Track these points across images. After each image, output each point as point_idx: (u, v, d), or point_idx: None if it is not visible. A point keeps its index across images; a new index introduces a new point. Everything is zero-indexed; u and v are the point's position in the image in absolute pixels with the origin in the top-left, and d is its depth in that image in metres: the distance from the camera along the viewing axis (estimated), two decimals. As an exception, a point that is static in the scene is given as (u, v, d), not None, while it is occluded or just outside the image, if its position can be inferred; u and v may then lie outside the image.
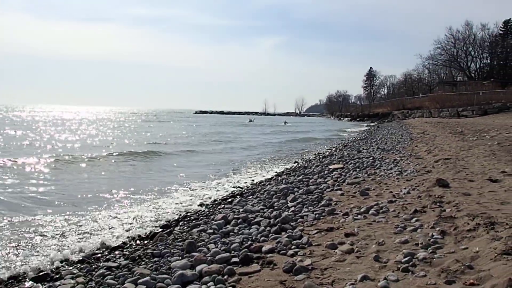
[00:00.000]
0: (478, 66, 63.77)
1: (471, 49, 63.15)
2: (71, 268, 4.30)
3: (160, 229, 5.68)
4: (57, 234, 5.64)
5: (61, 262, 4.55)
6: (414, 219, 4.51)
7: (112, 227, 6.00)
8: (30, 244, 5.20)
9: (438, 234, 3.87)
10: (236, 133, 33.89)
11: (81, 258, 4.58)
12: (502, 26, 59.70)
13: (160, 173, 11.47)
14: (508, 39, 58.61)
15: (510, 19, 58.89)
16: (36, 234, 5.62)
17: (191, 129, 37.35)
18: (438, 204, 4.94)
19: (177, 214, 6.61)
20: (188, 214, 6.49)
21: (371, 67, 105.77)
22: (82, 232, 5.78)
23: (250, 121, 60.88)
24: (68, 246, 5.10)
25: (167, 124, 47.17)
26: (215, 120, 67.52)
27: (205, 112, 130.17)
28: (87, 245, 5.12)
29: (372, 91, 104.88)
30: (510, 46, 57.85)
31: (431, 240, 3.75)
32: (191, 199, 7.98)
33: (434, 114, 40.94)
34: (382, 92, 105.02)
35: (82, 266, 4.30)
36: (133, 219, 6.48)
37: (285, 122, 62.79)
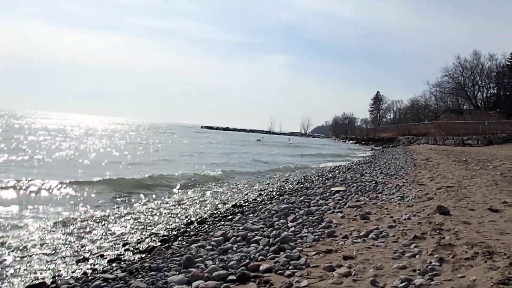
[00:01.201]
0: (484, 95, 64.04)
1: (478, 78, 63.59)
2: (67, 278, 4.31)
3: (159, 243, 5.68)
4: (54, 246, 5.66)
5: (58, 272, 4.56)
6: (413, 245, 4.50)
7: (110, 240, 6.02)
8: (26, 255, 5.21)
9: (436, 261, 3.86)
10: (263, 153, 31.21)
11: (77, 269, 4.59)
12: (510, 58, 60.09)
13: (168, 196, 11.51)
14: (515, 70, 58.86)
15: (517, 50, 59.26)
16: (34, 246, 5.64)
17: (215, 149, 36.94)
18: (437, 231, 4.93)
19: (177, 229, 6.61)
20: (188, 229, 6.49)
21: (378, 91, 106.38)
22: (79, 243, 5.79)
23: (259, 140, 61.05)
24: (64, 258, 5.12)
25: (178, 139, 47.40)
26: (224, 137, 67.68)
27: (211, 127, 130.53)
28: (84, 256, 5.13)
29: (378, 115, 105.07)
30: (517, 77, 58.06)
31: (429, 267, 3.74)
32: (189, 216, 7.99)
33: (439, 142, 40.89)
34: (388, 117, 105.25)
35: (79, 277, 4.30)
36: (132, 231, 6.50)
37: (289, 139, 63.04)
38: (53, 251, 5.32)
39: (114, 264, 4.72)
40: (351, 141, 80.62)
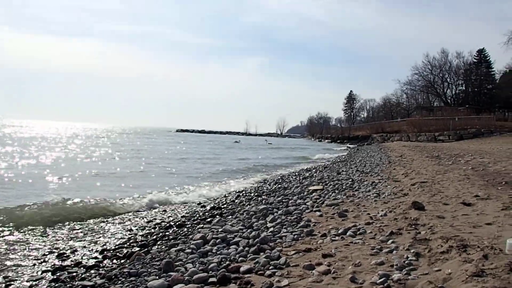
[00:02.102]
0: (454, 92, 65.83)
1: (447, 76, 65.34)
2: (45, 287, 4.21)
3: (138, 248, 5.60)
4: (31, 253, 5.52)
5: (35, 280, 4.45)
6: (390, 241, 4.58)
7: (87, 247, 5.90)
8: (2, 262, 5.06)
9: (413, 256, 3.94)
10: (249, 158, 28.35)
11: (55, 277, 4.48)
12: (476, 55, 61.90)
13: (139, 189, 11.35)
14: (482, 68, 60.72)
15: (483, 48, 61.17)
16: (11, 252, 5.48)
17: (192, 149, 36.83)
18: (413, 226, 5.03)
19: (155, 234, 6.54)
20: (167, 234, 6.43)
21: (351, 91, 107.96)
22: (57, 251, 5.66)
23: (236, 142, 60.99)
24: (42, 265, 4.99)
25: (153, 141, 46.83)
26: (200, 139, 67.16)
27: (186, 130, 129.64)
28: (61, 264, 5.02)
29: (352, 114, 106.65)
30: (484, 74, 59.93)
31: (406, 262, 3.81)
32: (167, 220, 7.91)
33: (412, 138, 41.77)
34: (362, 115, 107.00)
35: (57, 285, 4.20)
36: (110, 237, 6.39)
37: (266, 140, 63.19)
38: (29, 259, 5.18)
39: (92, 271, 4.63)
40: (326, 140, 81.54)
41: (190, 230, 6.50)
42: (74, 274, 4.57)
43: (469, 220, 5.14)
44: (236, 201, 9.67)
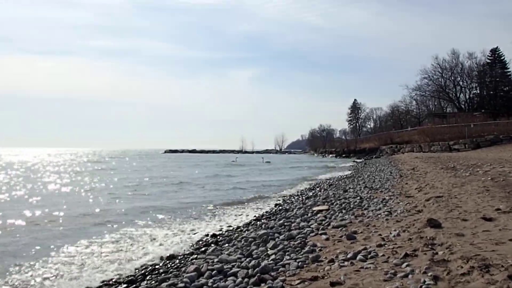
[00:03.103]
0: (467, 96, 66.08)
1: (459, 79, 65.72)
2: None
3: (125, 285, 5.54)
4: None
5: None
6: (404, 264, 4.55)
7: (67, 283, 5.83)
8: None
9: (431, 280, 3.91)
10: (259, 181, 26.12)
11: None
12: (490, 55, 62.28)
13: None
14: (496, 68, 61.09)
15: (497, 47, 61.64)
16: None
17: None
18: (430, 246, 5.01)
19: (144, 267, 6.47)
20: (157, 267, 6.37)
21: (355, 99, 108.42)
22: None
23: (233, 161, 61.12)
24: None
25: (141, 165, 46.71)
26: (193, 160, 66.95)
27: (176, 151, 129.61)
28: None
29: (357, 125, 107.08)
30: (499, 75, 60.19)
31: (423, 286, 3.79)
32: (159, 250, 7.86)
33: (424, 149, 41.90)
34: (369, 126, 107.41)
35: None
36: (93, 271, 6.32)
37: (262, 159, 63.18)
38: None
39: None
40: (330, 155, 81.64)
41: (182, 261, 6.45)
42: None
43: (491, 237, 5.13)
44: (232, 226, 9.62)
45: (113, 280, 5.93)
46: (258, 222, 9.27)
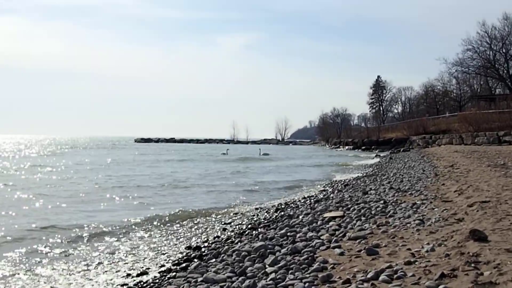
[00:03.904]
0: (523, 74, 65.79)
1: (512, 51, 65.34)
2: None
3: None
4: None
5: None
6: (441, 287, 4.56)
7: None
8: None
9: (474, 308, 3.92)
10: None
11: None
12: (553, 21, 62.14)
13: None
14: None
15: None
16: None
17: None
18: (473, 265, 5.01)
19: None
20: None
21: (378, 76, 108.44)
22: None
23: (224, 153, 61.19)
24: None
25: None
26: (172, 152, 66.67)
27: (149, 140, 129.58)
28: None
29: (381, 109, 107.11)
30: None
31: (464, 316, 3.79)
32: (123, 270, 7.87)
33: (466, 140, 42.01)
34: (395, 110, 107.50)
35: None
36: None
37: (260, 150, 63.17)
38: None
39: None
40: (346, 147, 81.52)
41: (157, 281, 6.45)
42: None
43: (550, 254, 5.14)
44: (221, 237, 9.63)
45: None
46: (254, 232, 9.27)
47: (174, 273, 6.63)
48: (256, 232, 9.24)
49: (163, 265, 7.59)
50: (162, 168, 33.41)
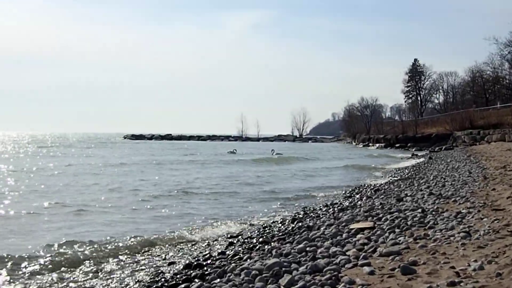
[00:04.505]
0: None
1: None
2: None
3: None
4: None
5: None
6: (491, 313, 4.55)
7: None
8: None
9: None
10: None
11: None
12: None
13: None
14: None
15: None
16: None
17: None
18: (529, 286, 4.99)
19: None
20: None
21: (415, 60, 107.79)
22: None
23: (231, 152, 61.40)
24: None
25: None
26: (168, 152, 66.64)
27: (141, 136, 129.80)
28: None
29: (419, 98, 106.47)
30: None
31: None
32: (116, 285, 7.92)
33: (521, 136, 41.71)
34: (436, 101, 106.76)
35: None
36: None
37: (273, 151, 63.08)
38: None
39: None
40: (377, 144, 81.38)
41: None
42: None
43: None
44: (227, 252, 9.64)
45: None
46: (266, 247, 9.27)
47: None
48: (269, 246, 9.24)
49: (160, 286, 7.61)
50: (154, 173, 32.82)
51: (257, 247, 9.55)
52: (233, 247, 10.31)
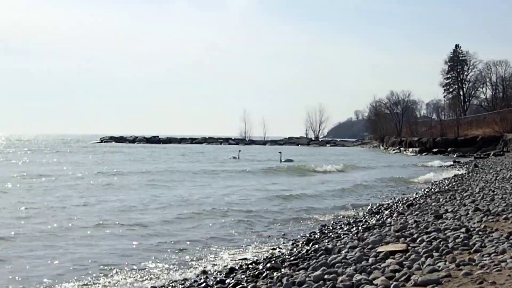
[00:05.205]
0: None
1: None
2: None
3: None
4: None
5: None
6: None
7: None
8: None
9: None
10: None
11: None
12: None
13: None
14: None
15: None
16: None
17: None
18: None
19: None
20: None
21: (457, 46, 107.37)
22: None
23: (234, 157, 61.74)
24: None
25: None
26: (154, 160, 66.55)
27: (122, 139, 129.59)
28: None
29: (462, 93, 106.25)
30: None
31: None
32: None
33: None
34: (482, 96, 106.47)
35: None
36: None
37: (280, 153, 63.08)
38: None
39: None
40: (410, 149, 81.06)
41: None
42: None
43: None
44: (227, 281, 9.65)
45: None
46: (276, 274, 9.28)
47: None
48: (279, 274, 9.24)
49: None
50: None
51: (264, 274, 9.55)
52: (234, 274, 10.30)
